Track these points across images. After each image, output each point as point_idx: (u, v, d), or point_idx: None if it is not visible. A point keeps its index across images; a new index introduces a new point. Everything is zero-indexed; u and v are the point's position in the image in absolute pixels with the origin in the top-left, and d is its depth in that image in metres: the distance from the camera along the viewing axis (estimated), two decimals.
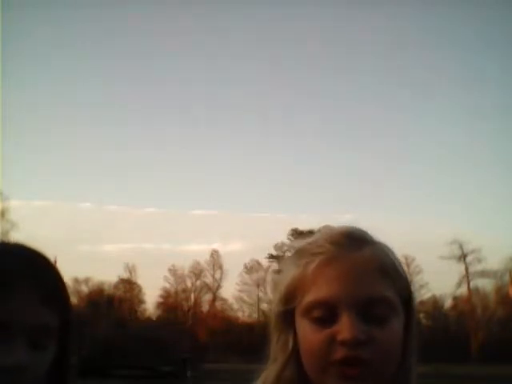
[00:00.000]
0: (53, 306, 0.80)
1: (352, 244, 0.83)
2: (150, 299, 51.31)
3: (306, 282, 0.83)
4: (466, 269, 45.56)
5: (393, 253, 0.86)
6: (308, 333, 0.81)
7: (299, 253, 0.87)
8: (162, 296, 51.11)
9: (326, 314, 0.80)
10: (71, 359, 0.89)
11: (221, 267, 51.73)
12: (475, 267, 45.32)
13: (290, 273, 0.86)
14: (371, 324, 0.78)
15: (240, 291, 50.68)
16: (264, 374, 0.89)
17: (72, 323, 0.87)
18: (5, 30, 40.54)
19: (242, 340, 42.74)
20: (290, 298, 0.85)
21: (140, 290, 51.09)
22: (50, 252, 0.87)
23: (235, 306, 51.55)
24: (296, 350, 0.84)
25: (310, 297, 0.82)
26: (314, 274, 0.82)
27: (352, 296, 0.79)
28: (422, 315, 47.60)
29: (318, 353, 0.79)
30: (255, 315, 50.00)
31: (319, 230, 0.88)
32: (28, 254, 0.83)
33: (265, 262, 49.06)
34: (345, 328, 0.77)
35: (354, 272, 0.81)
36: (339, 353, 0.77)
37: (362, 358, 0.76)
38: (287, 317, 0.86)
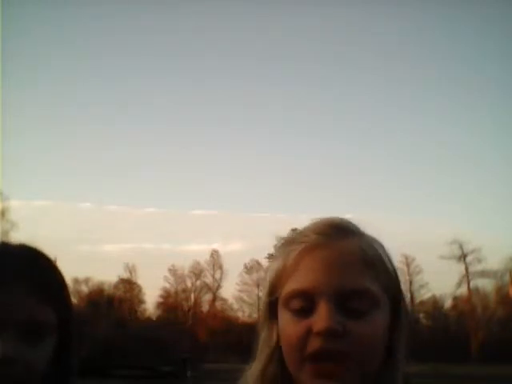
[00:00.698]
0: (50, 304, 0.82)
1: (337, 234, 0.80)
2: (150, 299, 51.34)
3: (288, 271, 0.80)
4: (466, 269, 45.56)
5: (381, 246, 0.82)
6: (287, 324, 0.78)
7: (285, 243, 0.84)
8: (162, 296, 51.11)
9: (304, 305, 0.76)
10: (73, 357, 0.90)
11: (221, 267, 51.75)
12: (475, 267, 45.36)
13: (275, 263, 0.84)
14: (350, 316, 0.74)
15: (240, 291, 50.70)
16: (249, 371, 0.85)
17: (72, 322, 0.89)
18: (5, 29, 40.53)
19: (241, 340, 42.68)
20: (273, 288, 0.83)
21: (140, 290, 51.09)
22: (50, 252, 0.88)
23: (235, 306, 51.55)
24: (280, 345, 0.80)
25: (289, 286, 0.79)
26: (295, 262, 0.79)
27: (330, 286, 0.75)
28: (422, 315, 47.66)
29: (294, 346, 0.75)
30: (255, 315, 49.90)
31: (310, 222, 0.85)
32: (27, 253, 0.85)
33: (265, 262, 48.97)
34: (320, 318, 0.73)
35: (335, 261, 0.77)
36: (314, 344, 0.73)
37: (337, 350, 0.72)
38: (272, 308, 0.83)
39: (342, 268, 0.76)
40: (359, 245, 0.79)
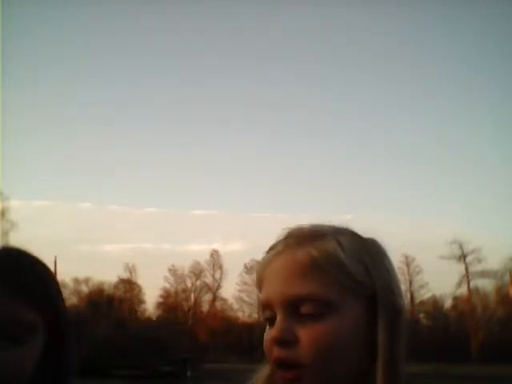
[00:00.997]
0: (33, 305, 0.81)
1: (294, 242, 0.80)
2: (150, 299, 51.32)
3: (259, 284, 0.83)
4: (466, 269, 45.55)
5: (350, 249, 0.79)
6: (265, 334, 0.80)
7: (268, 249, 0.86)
8: (162, 296, 51.11)
9: (271, 314, 0.78)
10: (65, 357, 0.89)
11: (221, 267, 51.75)
12: (475, 267, 45.32)
13: (255, 280, 0.86)
14: (303, 322, 0.74)
15: (240, 291, 50.66)
16: (256, 375, 0.86)
17: (62, 321, 0.88)
18: (5, 29, 40.54)
19: (241, 340, 42.73)
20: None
21: (140, 290, 51.09)
22: (50, 252, 0.87)
23: (235, 306, 51.54)
24: None
25: (260, 298, 0.82)
26: (261, 275, 0.82)
27: (280, 295, 0.77)
28: (422, 315, 47.67)
29: (266, 354, 0.78)
30: (255, 315, 49.90)
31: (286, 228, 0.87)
32: (6, 254, 0.84)
33: None
34: (274, 328, 0.76)
35: (284, 271, 0.78)
36: (273, 353, 0.75)
37: (290, 358, 0.72)
38: None
39: (289, 276, 0.77)
40: (310, 252, 0.77)
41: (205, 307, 51.82)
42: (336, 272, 0.76)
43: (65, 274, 43.93)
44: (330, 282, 0.76)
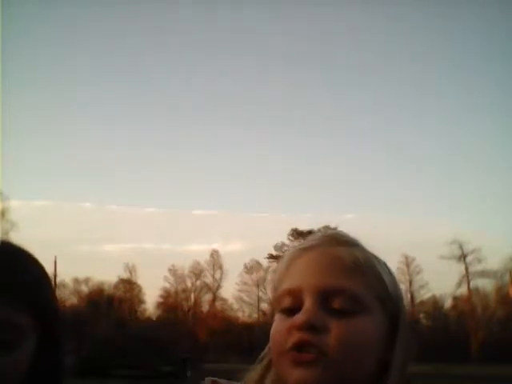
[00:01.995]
0: (23, 307, 0.79)
1: (330, 241, 0.82)
2: (150, 299, 51.32)
3: (282, 275, 0.83)
4: (466, 269, 45.51)
5: (383, 264, 0.82)
6: (276, 323, 0.79)
7: (287, 252, 0.87)
8: (162, 296, 51.10)
9: (293, 304, 0.77)
10: (58, 358, 0.87)
11: (221, 267, 51.73)
12: (475, 267, 45.31)
13: (273, 275, 0.86)
14: (333, 316, 0.74)
15: (240, 291, 50.68)
16: (248, 375, 0.85)
17: (55, 322, 0.85)
18: (5, 29, 40.52)
19: (241, 340, 42.74)
20: (273, 297, 0.85)
21: (140, 290, 51.06)
22: (50, 252, 0.86)
23: (235, 306, 51.55)
24: None
25: (281, 288, 0.81)
26: (288, 265, 0.82)
27: (314, 284, 0.76)
28: (422, 315, 47.65)
29: (277, 342, 0.76)
30: (255, 315, 49.97)
31: (319, 230, 0.88)
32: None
33: (265, 262, 49.06)
34: (301, 312, 0.74)
35: (321, 262, 0.79)
36: (293, 337, 0.73)
37: (315, 345, 0.71)
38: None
39: (327, 268, 0.78)
40: (351, 251, 0.79)
41: (205, 307, 51.81)
42: (374, 278, 0.79)
43: (65, 274, 44.07)
44: (367, 285, 0.77)
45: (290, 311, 0.77)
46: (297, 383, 0.72)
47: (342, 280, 0.76)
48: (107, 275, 50.14)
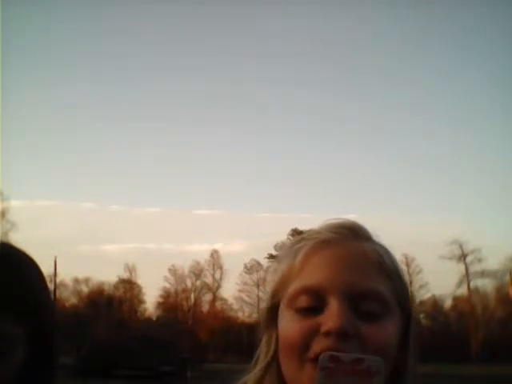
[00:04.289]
0: (11, 315, 0.75)
1: (352, 235, 0.75)
2: (150, 299, 51.31)
3: (295, 269, 0.73)
4: (466, 269, 45.52)
5: (394, 256, 0.77)
6: (289, 324, 0.70)
7: (294, 242, 0.78)
8: (162, 296, 51.08)
9: (312, 303, 0.69)
10: (51, 366, 0.84)
11: (221, 267, 51.74)
12: (475, 267, 45.32)
13: (281, 264, 0.77)
14: (362, 319, 0.68)
15: (240, 291, 50.66)
16: (244, 379, 0.79)
17: (46, 329, 0.82)
18: (5, 29, 40.52)
19: (241, 340, 42.71)
20: (277, 291, 0.76)
21: (140, 290, 51.08)
22: (50, 252, 0.84)
23: (235, 306, 51.52)
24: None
25: (296, 284, 0.72)
26: (304, 259, 0.73)
27: (343, 282, 0.69)
28: (422, 315, 47.61)
29: (296, 346, 0.68)
30: (255, 315, 49.89)
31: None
32: None
33: (265, 262, 49.03)
34: (332, 316, 0.66)
35: (349, 259, 0.71)
36: (321, 344, 0.66)
37: (345, 351, 0.65)
38: (273, 313, 0.76)
39: (356, 267, 0.71)
40: (376, 249, 0.74)
41: (205, 307, 51.80)
42: (398, 281, 0.74)
43: (65, 274, 44.08)
44: (391, 285, 0.73)
45: (308, 310, 0.69)
46: None
47: (372, 281, 0.70)
48: (107, 275, 50.22)
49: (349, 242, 0.74)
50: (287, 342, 0.70)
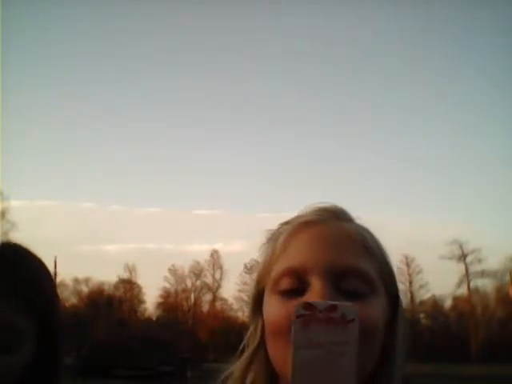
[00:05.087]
0: (23, 310, 0.77)
1: (333, 216, 0.74)
2: (150, 299, 51.31)
3: (277, 253, 0.72)
4: (466, 269, 45.52)
5: (377, 238, 0.76)
6: (274, 308, 0.69)
7: (277, 228, 0.77)
8: (162, 296, 51.10)
9: (295, 284, 0.68)
10: (56, 362, 0.86)
11: (221, 267, 51.75)
12: (475, 267, 45.33)
13: (264, 250, 0.76)
14: (346, 298, 0.65)
15: (240, 291, 50.62)
16: (231, 368, 0.78)
17: (54, 326, 0.84)
18: (5, 29, 40.53)
19: (241, 340, 42.61)
20: (262, 276, 0.75)
21: (140, 290, 51.10)
22: (50, 252, 0.85)
23: (235, 306, 51.52)
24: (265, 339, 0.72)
25: (279, 267, 0.71)
26: (286, 241, 0.72)
27: (327, 262, 0.67)
28: (422, 315, 47.64)
29: (282, 328, 0.66)
30: None
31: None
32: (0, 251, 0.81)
33: None
34: (315, 296, 0.65)
35: (330, 237, 0.70)
36: None
37: None
38: (258, 301, 0.75)
39: (338, 246, 0.69)
40: (358, 230, 0.73)
41: (205, 307, 51.82)
42: (381, 258, 0.73)
43: (65, 274, 44.09)
44: (375, 265, 0.71)
45: (291, 292, 0.68)
46: None
47: (354, 259, 0.69)
48: (107, 275, 50.26)
49: (330, 222, 0.72)
50: (273, 326, 0.68)
